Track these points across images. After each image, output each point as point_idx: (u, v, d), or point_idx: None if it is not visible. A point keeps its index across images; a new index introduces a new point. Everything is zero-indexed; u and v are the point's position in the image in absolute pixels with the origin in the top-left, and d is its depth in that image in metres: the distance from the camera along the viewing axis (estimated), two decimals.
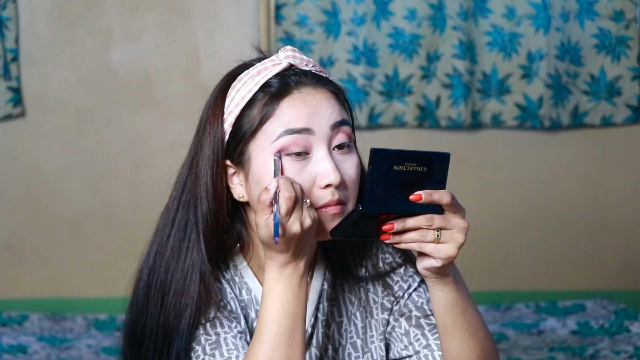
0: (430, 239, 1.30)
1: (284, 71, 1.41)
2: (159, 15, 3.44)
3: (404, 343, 1.48)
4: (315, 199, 1.37)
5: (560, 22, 3.46)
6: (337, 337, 1.49)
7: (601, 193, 3.63)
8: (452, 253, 1.31)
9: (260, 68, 1.42)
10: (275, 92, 1.39)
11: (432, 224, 1.29)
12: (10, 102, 3.38)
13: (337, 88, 1.45)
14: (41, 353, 2.92)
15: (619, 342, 2.94)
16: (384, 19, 3.44)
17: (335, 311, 1.50)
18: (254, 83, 1.40)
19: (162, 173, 1.54)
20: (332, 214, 1.36)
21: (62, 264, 3.47)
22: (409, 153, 1.27)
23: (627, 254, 3.63)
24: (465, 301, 1.38)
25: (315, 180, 1.37)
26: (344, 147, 1.39)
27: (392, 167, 1.25)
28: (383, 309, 1.50)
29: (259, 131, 1.38)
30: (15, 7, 3.36)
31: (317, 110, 1.38)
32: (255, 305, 1.47)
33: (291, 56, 1.42)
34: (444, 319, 1.37)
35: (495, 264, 3.59)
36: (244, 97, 1.40)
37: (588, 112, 3.54)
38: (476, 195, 3.58)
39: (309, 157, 1.37)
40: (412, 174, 1.26)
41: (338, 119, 1.40)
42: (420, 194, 1.27)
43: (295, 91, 1.39)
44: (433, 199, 1.28)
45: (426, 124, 3.50)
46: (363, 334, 1.50)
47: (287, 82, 1.39)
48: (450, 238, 1.31)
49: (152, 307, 1.44)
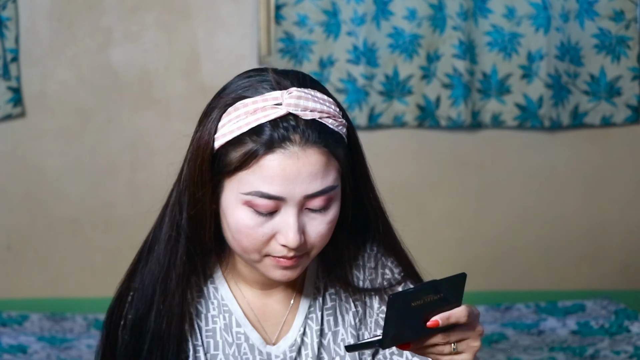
0: (447, 352, 1.29)
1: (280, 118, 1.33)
2: (159, 15, 3.44)
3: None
4: (270, 249, 1.36)
5: (560, 22, 3.46)
6: (333, 347, 1.48)
7: (601, 193, 3.63)
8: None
9: (258, 106, 1.34)
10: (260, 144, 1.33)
11: (449, 340, 1.28)
12: (10, 102, 3.38)
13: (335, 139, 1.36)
14: (41, 353, 2.92)
15: (619, 342, 2.94)
16: (384, 19, 3.43)
17: (332, 320, 1.49)
18: (245, 122, 1.34)
19: (162, 173, 1.53)
20: (282, 266, 1.37)
21: (62, 264, 3.47)
22: (425, 288, 1.25)
23: (627, 254, 3.63)
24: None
25: (275, 234, 1.35)
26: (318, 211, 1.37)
27: (410, 304, 1.24)
28: (377, 326, 1.50)
29: (235, 175, 1.35)
30: (15, 7, 3.36)
31: (294, 178, 1.33)
32: (237, 327, 1.46)
33: (293, 105, 1.33)
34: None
35: (495, 264, 3.59)
36: (232, 132, 1.34)
37: (588, 112, 3.54)
38: (476, 195, 3.58)
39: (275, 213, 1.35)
40: (430, 303, 1.25)
41: (317, 190, 1.34)
42: (437, 321, 1.26)
43: (279, 150, 1.32)
44: (450, 322, 1.27)
45: (426, 124, 3.50)
46: None
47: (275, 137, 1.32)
48: (466, 347, 1.30)
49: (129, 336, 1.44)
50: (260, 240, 1.35)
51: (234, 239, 1.38)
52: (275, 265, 1.37)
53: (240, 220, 1.35)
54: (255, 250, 1.37)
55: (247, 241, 1.36)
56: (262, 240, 1.35)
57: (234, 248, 1.40)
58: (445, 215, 3.58)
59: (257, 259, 1.38)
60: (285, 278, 1.39)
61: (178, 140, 1.51)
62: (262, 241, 1.35)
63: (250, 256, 1.38)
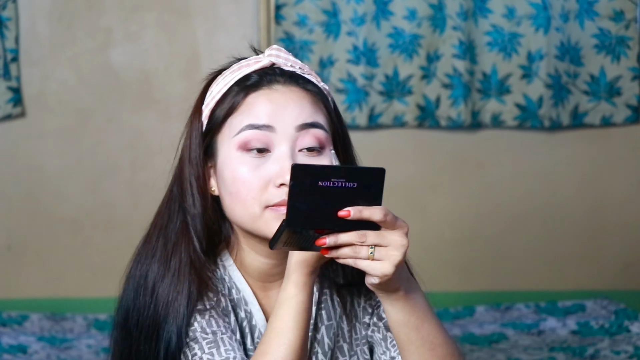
0: (363, 256, 1.24)
1: (265, 69, 1.41)
2: (159, 15, 3.44)
3: (382, 348, 1.47)
4: (269, 196, 1.36)
5: (560, 22, 3.46)
6: (326, 341, 1.49)
7: (601, 193, 3.63)
8: (387, 271, 1.24)
9: (243, 64, 1.42)
10: (246, 86, 1.39)
11: (364, 241, 1.23)
12: (10, 102, 3.38)
13: (319, 90, 1.42)
14: (41, 353, 2.92)
15: (619, 342, 2.94)
16: (384, 19, 3.43)
17: (324, 314, 1.50)
18: (232, 77, 1.41)
19: (162, 173, 1.54)
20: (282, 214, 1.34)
21: (62, 264, 3.47)
22: (336, 168, 1.23)
23: (627, 254, 3.63)
24: (421, 315, 1.33)
25: (271, 178, 1.36)
26: (312, 151, 1.38)
27: (317, 183, 1.20)
28: (365, 313, 1.50)
29: (225, 124, 1.39)
30: (15, 7, 3.36)
31: (283, 108, 1.37)
32: (245, 305, 1.46)
33: (274, 55, 1.42)
34: (398, 333, 1.34)
35: (495, 264, 3.59)
36: (220, 90, 1.41)
37: (588, 112, 3.54)
38: (476, 195, 3.58)
39: (269, 154, 1.37)
40: (342, 190, 1.21)
41: (307, 121, 1.38)
42: (349, 211, 1.21)
43: (265, 87, 1.38)
44: (362, 215, 1.22)
45: (426, 124, 3.50)
46: (349, 338, 1.50)
47: (260, 78, 1.39)
48: (385, 255, 1.24)
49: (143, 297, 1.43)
50: (257, 185, 1.35)
51: (232, 196, 1.38)
52: (276, 217, 1.36)
53: (236, 168, 1.36)
54: (253, 200, 1.36)
55: (245, 189, 1.36)
56: (259, 185, 1.35)
57: (235, 213, 1.39)
58: (445, 215, 3.58)
59: (257, 212, 1.37)
60: None
61: (178, 140, 1.51)
62: (259, 186, 1.35)
63: (250, 210, 1.37)
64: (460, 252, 3.56)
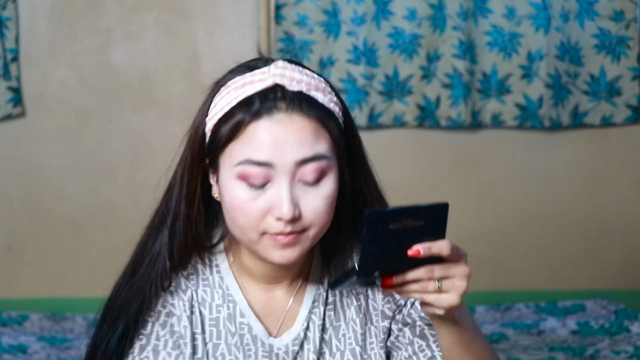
0: (431, 290, 1.26)
1: (268, 89, 1.36)
2: (159, 15, 3.44)
3: (408, 352, 1.47)
4: (266, 226, 1.35)
5: (560, 22, 3.46)
6: (334, 342, 1.48)
7: (601, 193, 3.63)
8: (453, 302, 1.28)
9: (247, 81, 1.37)
10: (248, 114, 1.35)
11: (432, 275, 1.26)
12: (10, 102, 3.38)
13: (322, 113, 1.37)
14: (41, 353, 2.92)
15: (619, 342, 2.94)
16: (384, 19, 3.44)
17: (333, 315, 1.49)
18: (234, 96, 1.37)
19: (162, 173, 1.54)
20: (282, 243, 1.35)
21: (62, 264, 3.47)
22: (405, 210, 1.22)
23: (627, 254, 3.63)
24: (471, 334, 1.36)
25: (269, 209, 1.35)
26: (312, 183, 1.36)
27: (389, 226, 1.21)
28: (383, 317, 1.49)
29: (226, 148, 1.37)
30: (15, 7, 3.37)
31: (282, 143, 1.33)
32: (241, 317, 1.46)
33: (279, 75, 1.37)
34: (450, 354, 1.36)
35: (495, 264, 3.59)
36: (223, 108, 1.38)
37: (588, 112, 3.54)
38: (476, 195, 3.58)
39: (268, 184, 1.35)
40: (410, 230, 1.22)
41: (306, 156, 1.34)
42: (419, 249, 1.23)
43: (266, 117, 1.34)
44: (432, 252, 1.24)
45: (426, 124, 3.50)
46: (362, 341, 1.49)
47: (261, 105, 1.35)
48: (452, 287, 1.27)
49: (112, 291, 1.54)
50: (255, 215, 1.35)
51: (231, 219, 1.38)
52: (274, 245, 1.36)
53: (235, 195, 1.36)
54: (251, 228, 1.36)
55: (243, 218, 1.36)
56: (257, 215, 1.35)
57: (234, 231, 1.40)
58: None
59: (255, 238, 1.37)
60: (285, 260, 1.37)
61: (178, 140, 1.52)
62: (257, 216, 1.35)
63: (249, 236, 1.37)
64: None
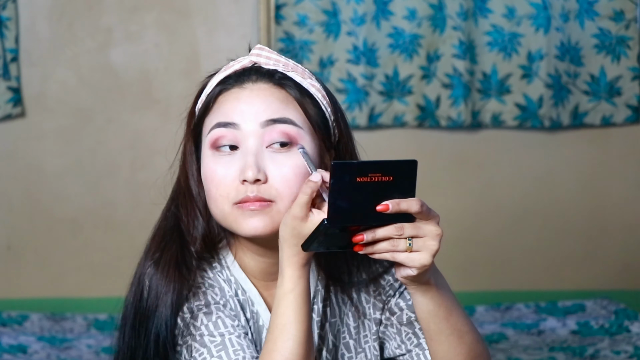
0: (402, 249, 1.27)
1: (245, 68, 1.43)
2: (159, 15, 3.44)
3: (397, 342, 1.48)
4: (236, 193, 1.37)
5: (560, 22, 3.46)
6: (330, 338, 1.49)
7: (601, 193, 3.63)
8: (425, 261, 1.28)
9: (229, 65, 1.45)
10: (221, 87, 1.41)
11: (402, 233, 1.26)
12: (10, 102, 3.38)
13: (298, 87, 1.41)
14: (41, 353, 2.92)
15: (619, 342, 2.94)
16: (384, 19, 3.43)
17: (329, 312, 1.50)
18: (216, 79, 1.44)
19: (162, 173, 1.54)
20: (250, 210, 1.36)
21: (62, 264, 3.47)
22: (372, 163, 1.24)
23: (627, 254, 3.63)
24: (449, 305, 1.36)
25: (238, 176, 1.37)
26: (279, 146, 1.38)
27: (355, 179, 1.22)
28: (375, 309, 1.50)
29: (203, 124, 1.42)
30: (15, 7, 3.36)
31: (249, 106, 1.38)
32: (251, 306, 1.47)
33: (256, 54, 1.43)
34: (428, 324, 1.36)
35: (495, 264, 3.59)
36: (206, 92, 1.44)
37: (588, 112, 3.54)
38: (476, 195, 3.58)
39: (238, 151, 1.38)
40: (378, 184, 1.23)
41: (272, 117, 1.38)
42: (387, 204, 1.24)
43: (236, 87, 1.40)
44: (401, 208, 1.25)
45: (426, 124, 3.50)
46: (356, 334, 1.50)
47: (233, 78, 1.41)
48: (423, 246, 1.28)
49: (135, 293, 1.45)
50: (225, 182, 1.37)
51: (208, 196, 1.40)
52: (243, 214, 1.37)
53: (208, 167, 1.39)
54: (222, 198, 1.37)
55: (214, 187, 1.38)
56: (227, 182, 1.36)
57: (213, 211, 1.41)
58: (445, 215, 3.56)
59: (227, 210, 1.38)
60: (254, 230, 1.37)
61: (178, 140, 1.52)
62: (227, 184, 1.37)
63: (222, 208, 1.38)
64: (460, 252, 3.56)
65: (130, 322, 1.44)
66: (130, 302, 1.45)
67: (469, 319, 1.40)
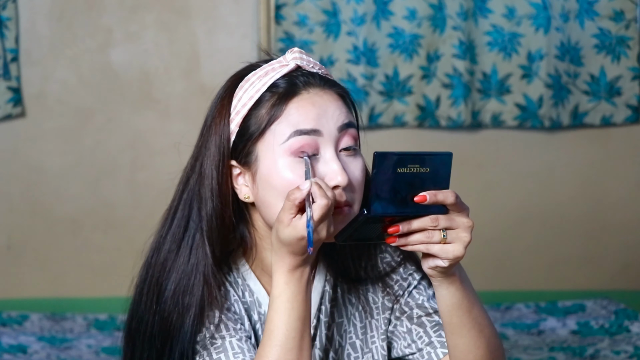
0: (436, 240, 1.29)
1: (291, 72, 1.41)
2: (159, 15, 3.44)
3: (407, 341, 1.48)
4: None
5: (560, 22, 3.46)
6: (337, 338, 1.49)
7: (601, 193, 3.63)
8: (459, 253, 1.30)
9: (268, 69, 1.41)
10: (284, 92, 1.38)
11: (437, 225, 1.28)
12: (10, 102, 3.38)
13: (344, 90, 1.44)
14: (41, 353, 2.92)
15: (619, 342, 2.94)
16: (384, 19, 3.44)
17: (335, 312, 1.50)
18: (261, 83, 1.40)
19: (162, 173, 1.54)
20: (342, 216, 1.36)
21: (62, 264, 3.47)
22: (412, 155, 1.26)
23: (627, 254, 3.63)
24: (471, 299, 1.38)
25: None
26: (350, 150, 1.39)
27: (396, 170, 1.25)
28: (384, 309, 1.50)
29: (267, 131, 1.38)
30: (15, 7, 3.36)
31: (324, 112, 1.38)
32: (258, 307, 1.47)
33: (298, 58, 1.42)
34: (451, 317, 1.37)
35: (495, 264, 3.59)
36: (252, 97, 1.40)
37: (588, 112, 3.54)
38: (476, 195, 3.58)
39: (316, 158, 1.37)
40: (416, 175, 1.26)
41: (345, 121, 1.39)
42: (425, 195, 1.26)
43: (304, 92, 1.39)
44: (437, 199, 1.27)
45: (426, 124, 3.50)
46: (362, 335, 1.50)
47: (295, 83, 1.39)
48: (456, 238, 1.30)
49: (146, 304, 1.43)
50: None
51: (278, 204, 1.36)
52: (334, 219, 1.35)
53: (286, 175, 1.36)
54: None
55: None
56: None
57: None
58: None
59: None
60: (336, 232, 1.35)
61: (178, 140, 1.51)
62: None
63: None
64: None
65: (147, 338, 1.43)
66: (142, 314, 1.43)
67: (487, 313, 1.42)
